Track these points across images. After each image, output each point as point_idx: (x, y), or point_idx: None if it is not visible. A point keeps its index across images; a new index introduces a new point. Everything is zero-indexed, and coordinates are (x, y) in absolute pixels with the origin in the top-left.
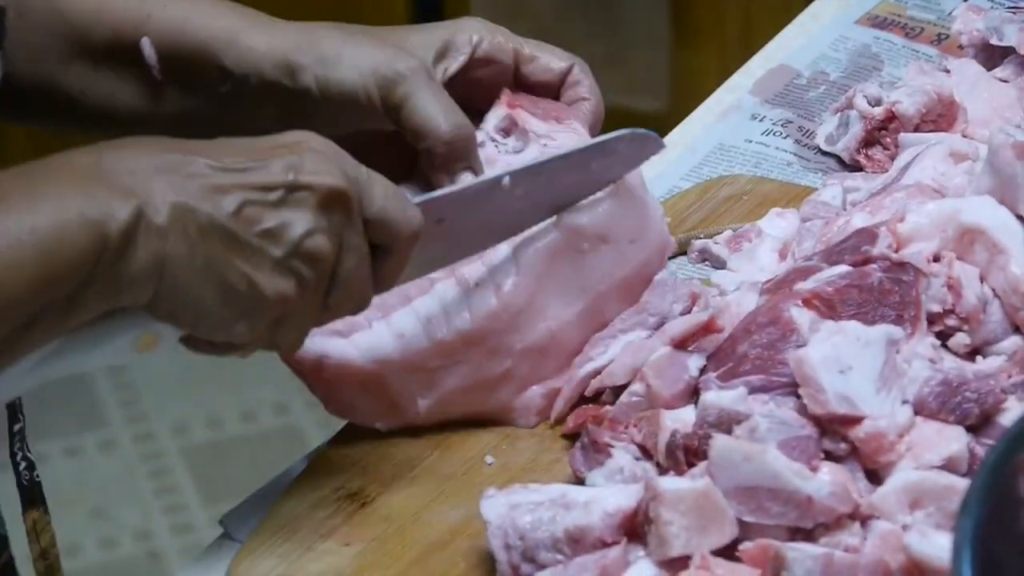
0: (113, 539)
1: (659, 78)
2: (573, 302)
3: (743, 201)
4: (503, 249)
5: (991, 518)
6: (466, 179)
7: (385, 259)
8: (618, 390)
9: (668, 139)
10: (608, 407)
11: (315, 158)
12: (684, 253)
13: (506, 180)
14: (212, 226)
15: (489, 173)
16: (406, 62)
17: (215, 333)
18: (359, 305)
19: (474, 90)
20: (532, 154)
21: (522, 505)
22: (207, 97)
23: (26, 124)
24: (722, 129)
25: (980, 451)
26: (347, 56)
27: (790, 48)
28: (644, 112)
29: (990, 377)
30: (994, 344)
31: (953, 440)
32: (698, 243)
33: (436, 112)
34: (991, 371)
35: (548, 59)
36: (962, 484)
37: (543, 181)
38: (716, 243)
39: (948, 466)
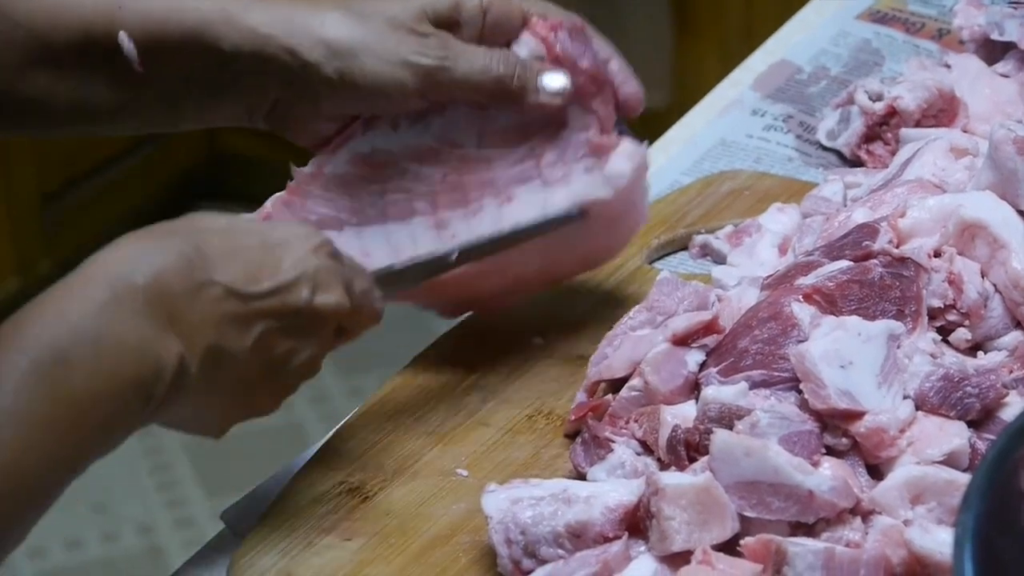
0: (115, 533)
1: (660, 73)
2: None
3: (744, 196)
4: (490, 211)
5: (992, 513)
6: (418, 254)
7: (338, 336)
8: (618, 383)
9: (669, 134)
10: (610, 396)
11: (325, 274)
12: (685, 248)
13: (453, 256)
14: (234, 362)
15: (437, 249)
16: (439, 49)
17: (208, 435)
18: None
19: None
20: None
21: (523, 500)
22: (195, 82)
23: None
24: (723, 124)
25: (981, 446)
26: (369, 46)
27: (791, 43)
28: (645, 107)
29: (991, 372)
30: (995, 339)
31: (954, 435)
32: (699, 238)
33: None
34: (992, 366)
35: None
36: (963, 479)
37: (488, 251)
38: (717, 238)
39: (949, 461)
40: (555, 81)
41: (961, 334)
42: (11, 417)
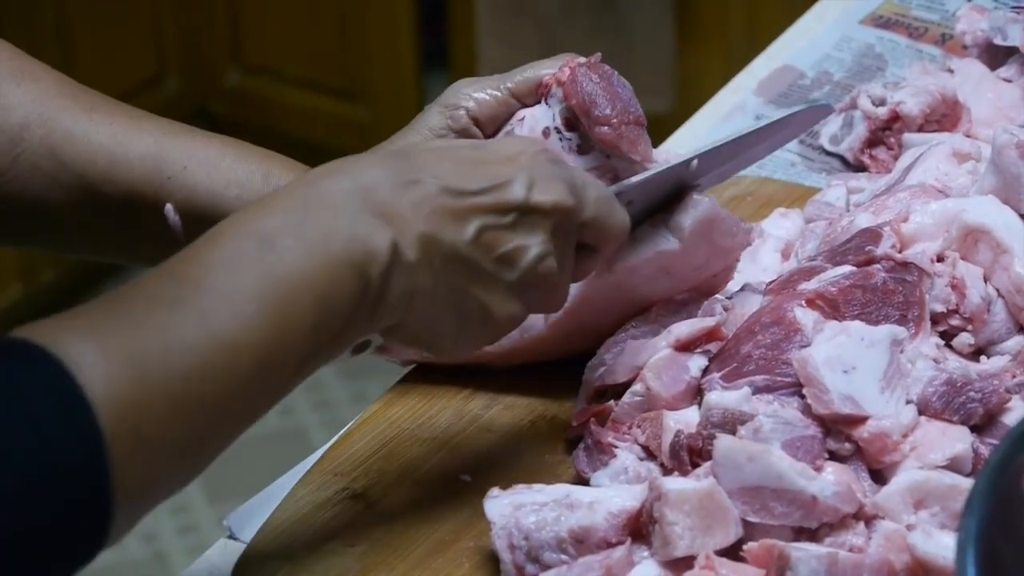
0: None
1: (664, 78)
2: (623, 313)
3: (747, 201)
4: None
5: (995, 518)
6: (657, 166)
7: (588, 256)
8: (620, 389)
9: (672, 139)
10: (613, 402)
11: (543, 172)
12: None
13: (694, 163)
14: (454, 255)
15: (677, 158)
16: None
17: (445, 354)
18: (557, 306)
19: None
20: (596, 159)
21: (526, 505)
22: None
23: (32, 250)
24: (726, 129)
25: (984, 451)
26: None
27: (794, 48)
28: (649, 112)
29: (994, 377)
30: (998, 344)
31: (957, 440)
32: None
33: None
34: (995, 371)
35: (536, 73)
36: (966, 484)
37: (726, 157)
38: None
39: (952, 466)
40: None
41: (964, 339)
42: (222, 309)
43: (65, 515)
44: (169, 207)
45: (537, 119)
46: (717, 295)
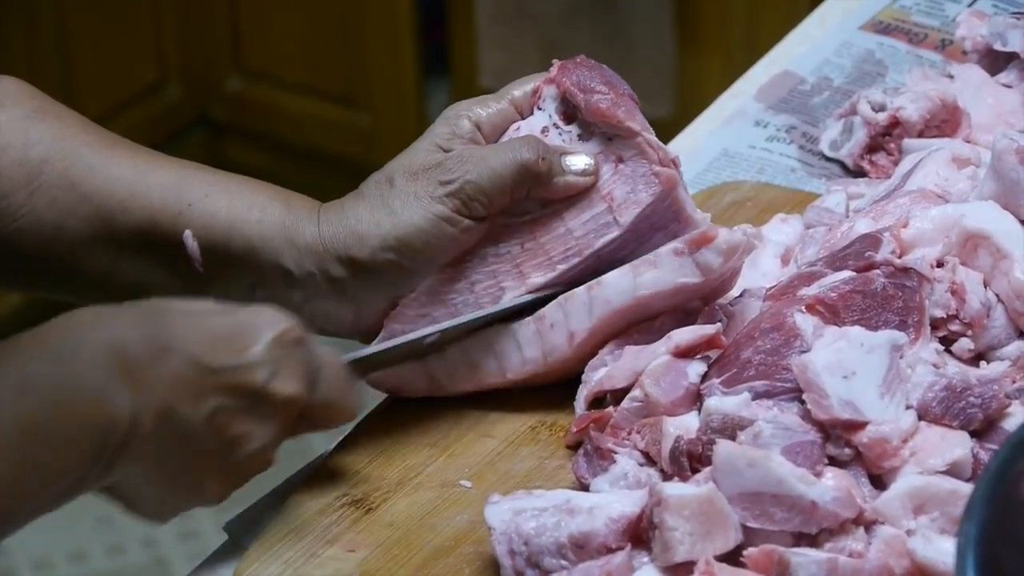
0: (119, 546)
1: (664, 84)
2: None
3: (747, 207)
4: (581, 295)
5: (995, 523)
6: (401, 336)
7: (306, 424)
8: (620, 394)
9: (672, 145)
10: (612, 408)
11: (286, 359)
12: None
13: (431, 338)
14: (185, 431)
15: (417, 332)
16: (457, 166)
17: (144, 517)
18: (250, 479)
19: None
20: (598, 143)
21: (526, 511)
22: (262, 287)
23: (46, 296)
24: (726, 135)
25: (984, 456)
26: (405, 217)
27: (794, 54)
28: (649, 118)
29: (994, 382)
30: (998, 349)
31: (957, 445)
32: None
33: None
34: (995, 376)
35: (532, 84)
36: (966, 489)
37: (460, 333)
38: None
39: (952, 471)
40: (578, 161)
41: (964, 344)
42: None
43: None
44: (188, 233)
45: (533, 125)
46: (718, 301)
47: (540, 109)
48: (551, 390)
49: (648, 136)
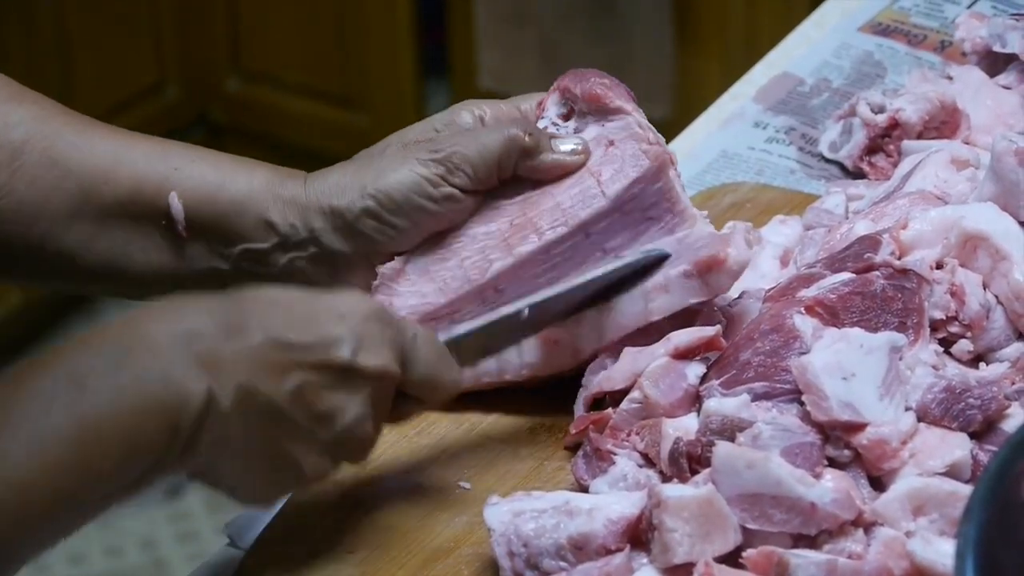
0: (118, 548)
1: (663, 85)
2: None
3: (746, 208)
4: (591, 318)
5: (994, 524)
6: (494, 313)
7: (412, 405)
8: (619, 396)
9: (671, 146)
10: (611, 409)
11: (371, 335)
12: None
13: (525, 312)
14: (271, 408)
15: (510, 307)
16: (449, 140)
17: (247, 501)
18: (364, 458)
19: None
20: (592, 133)
21: (525, 512)
22: (240, 253)
23: (11, 283)
24: (725, 137)
25: (983, 457)
26: (390, 174)
27: (793, 56)
28: (648, 119)
29: (993, 384)
30: (997, 351)
31: (956, 447)
32: None
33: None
34: (994, 378)
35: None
36: (965, 490)
37: (557, 305)
38: None
39: (951, 472)
40: (568, 142)
41: (963, 346)
42: (26, 446)
43: None
44: (173, 195)
45: None
46: (717, 303)
47: (542, 117)
48: (550, 391)
49: (639, 117)
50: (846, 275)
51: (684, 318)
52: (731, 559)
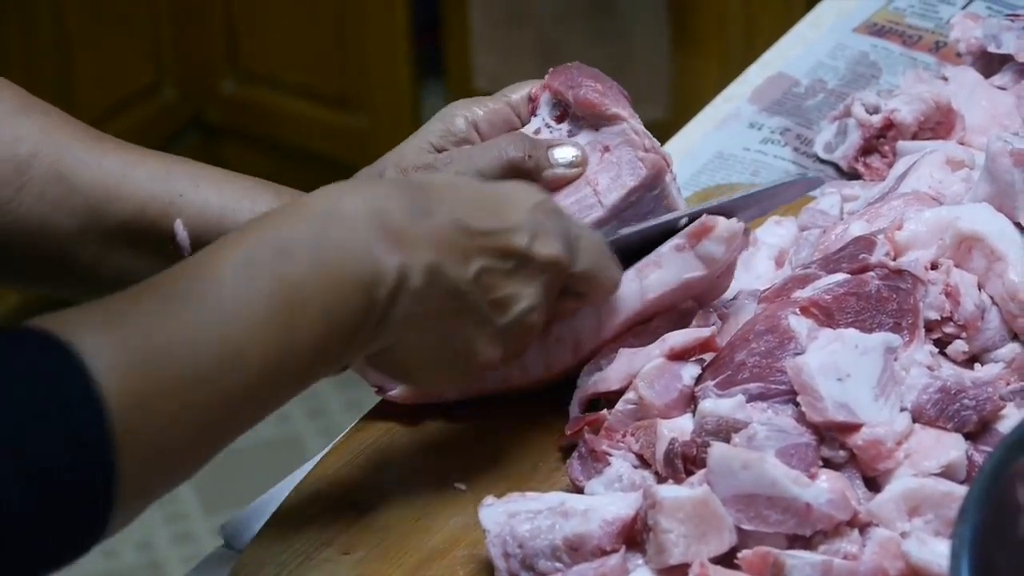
0: (114, 549)
1: (659, 86)
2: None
3: None
4: (588, 309)
5: (989, 525)
6: (651, 220)
7: (573, 301)
8: (614, 397)
9: (667, 147)
10: (606, 410)
11: (545, 224)
12: None
13: (683, 220)
14: (455, 290)
15: (670, 215)
16: (445, 161)
17: (418, 385)
18: (525, 353)
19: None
20: (587, 138)
21: (521, 513)
22: None
23: (28, 292)
24: (720, 137)
25: (978, 458)
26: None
27: (788, 56)
28: (643, 120)
29: (988, 384)
30: (992, 351)
31: (951, 447)
32: None
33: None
34: (989, 378)
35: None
36: (960, 491)
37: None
38: None
39: (946, 473)
40: (566, 153)
41: (958, 346)
42: (234, 309)
43: (68, 508)
44: (179, 223)
45: (527, 131)
46: (712, 304)
47: (535, 116)
48: (546, 392)
49: (635, 123)
50: (841, 276)
51: (679, 319)
52: (726, 560)
